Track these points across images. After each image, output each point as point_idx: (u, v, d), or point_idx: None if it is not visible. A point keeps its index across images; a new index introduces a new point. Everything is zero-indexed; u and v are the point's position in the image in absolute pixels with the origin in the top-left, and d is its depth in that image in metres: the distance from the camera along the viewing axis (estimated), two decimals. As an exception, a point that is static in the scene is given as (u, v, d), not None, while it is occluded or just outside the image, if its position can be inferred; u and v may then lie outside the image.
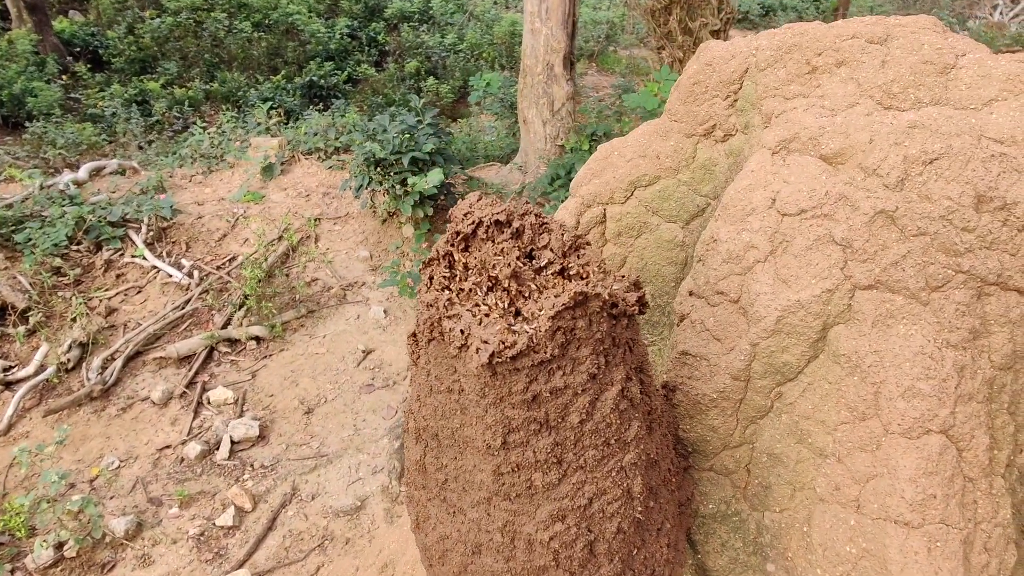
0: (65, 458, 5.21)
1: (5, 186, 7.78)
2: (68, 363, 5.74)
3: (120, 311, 6.27)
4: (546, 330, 0.89)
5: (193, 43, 12.41)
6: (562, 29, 7.12)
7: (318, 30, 12.99)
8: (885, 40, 1.51)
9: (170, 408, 5.62)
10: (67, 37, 12.22)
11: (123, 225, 6.84)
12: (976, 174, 1.19)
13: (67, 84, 11.42)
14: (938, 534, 1.13)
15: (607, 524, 1.07)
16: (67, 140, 9.82)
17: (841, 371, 1.22)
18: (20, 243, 6.37)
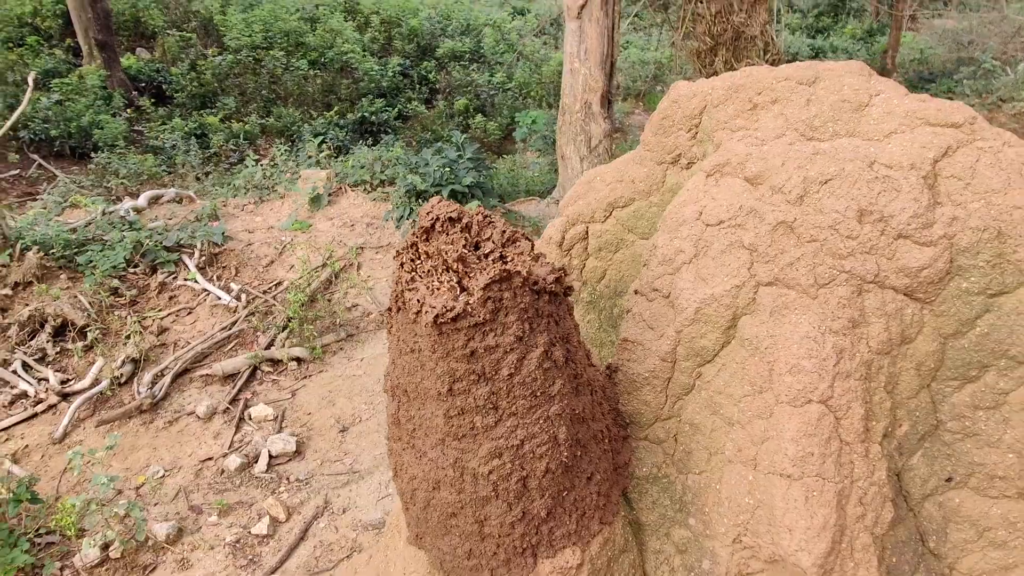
0: (114, 466, 5.61)
1: (71, 212, 8.41)
2: (121, 378, 6.17)
3: (171, 330, 6.73)
4: (478, 298, 1.18)
5: (252, 80, 13.08)
6: (600, 69, 7.49)
7: (371, 68, 13.56)
8: (814, 82, 1.79)
9: (213, 423, 6.00)
10: (134, 73, 13.00)
11: (177, 250, 7.35)
12: (860, 192, 1.45)
13: (131, 117, 12.14)
14: (815, 485, 1.37)
15: (537, 463, 1.34)
16: (129, 170, 10.46)
17: (745, 353, 1.48)
18: (82, 265, 6.90)
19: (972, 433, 1.48)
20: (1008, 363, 1.45)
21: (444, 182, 6.95)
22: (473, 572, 1.46)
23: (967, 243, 1.45)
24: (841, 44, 15.82)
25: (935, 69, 13.47)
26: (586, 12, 7.36)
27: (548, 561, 1.41)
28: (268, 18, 13.81)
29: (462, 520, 1.41)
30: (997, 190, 1.47)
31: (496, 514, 1.38)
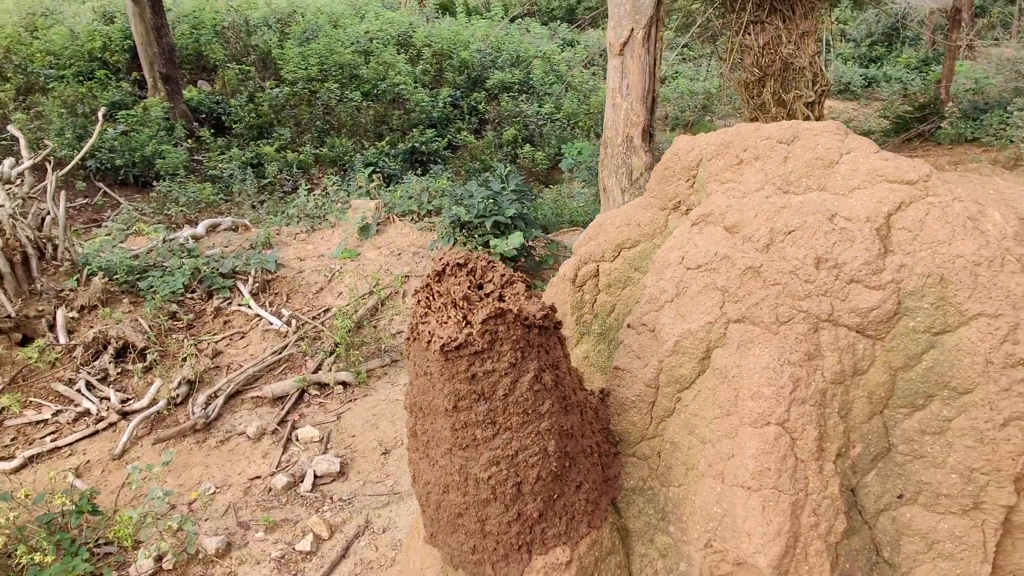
0: (169, 482, 5.98)
1: (134, 239, 8.94)
2: (177, 398, 6.57)
3: (225, 353, 7.14)
4: (477, 331, 1.45)
5: (307, 111, 13.63)
6: (641, 104, 7.76)
7: (422, 99, 14.01)
8: (792, 140, 2.02)
9: (262, 443, 6.35)
10: (195, 105, 13.67)
11: (233, 276, 7.78)
12: (819, 242, 1.68)
13: (192, 147, 12.76)
14: (771, 496, 1.59)
15: (530, 471, 1.59)
16: (189, 198, 11.01)
17: (716, 381, 1.71)
18: (143, 290, 7.37)
19: (920, 455, 1.69)
20: (950, 393, 1.66)
21: (488, 213, 7.26)
22: (477, 566, 1.72)
23: (913, 287, 1.67)
24: (895, 73, 15.85)
25: (990, 99, 13.44)
26: (628, 49, 7.65)
27: (541, 557, 1.66)
28: (324, 52, 14.40)
29: (467, 519, 1.66)
30: (942, 241, 1.69)
31: (495, 514, 1.63)
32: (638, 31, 7.60)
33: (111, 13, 14.99)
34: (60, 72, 13.13)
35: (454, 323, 1.47)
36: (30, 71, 12.96)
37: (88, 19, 14.72)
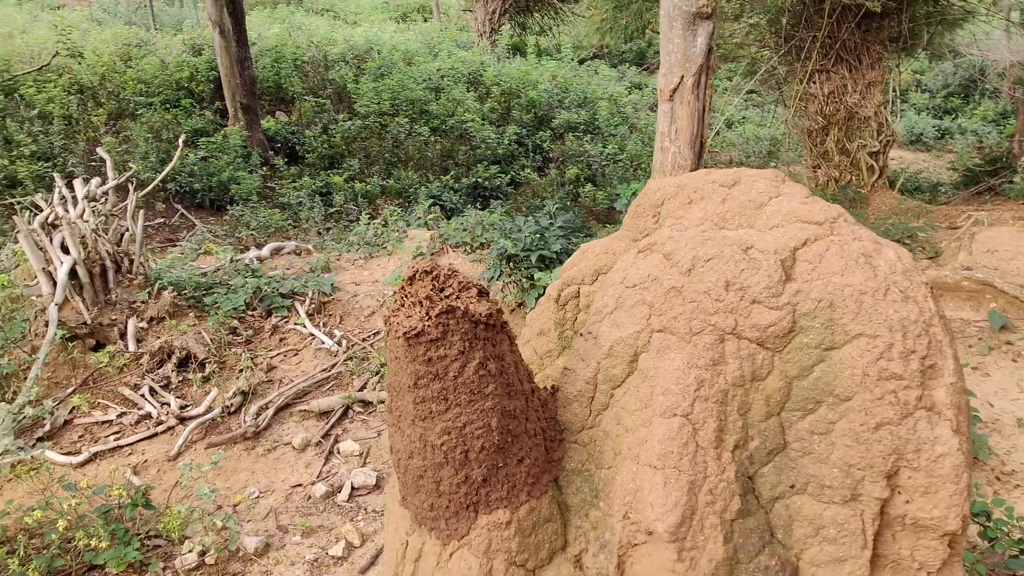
0: (217, 484, 6.50)
1: (204, 258, 9.67)
2: (231, 407, 7.13)
3: (278, 368, 7.71)
4: (432, 323, 1.86)
5: (377, 143, 14.36)
6: (689, 148, 8.13)
7: (489, 136, 14.60)
8: (733, 185, 2.40)
9: (306, 454, 6.84)
10: (271, 134, 14.55)
11: (291, 297, 8.39)
12: (730, 269, 2.04)
13: (266, 175, 13.58)
14: (672, 475, 1.94)
15: (475, 441, 1.99)
16: (259, 223, 11.75)
17: (640, 380, 2.08)
18: (208, 305, 8.02)
19: (809, 452, 2.03)
20: (835, 400, 2.00)
21: (534, 247, 7.71)
22: (434, 521, 2.13)
23: (807, 309, 2.03)
24: (969, 126, 15.85)
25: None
26: (678, 95, 8.05)
27: (485, 516, 2.06)
28: (396, 87, 15.18)
29: (426, 481, 2.07)
30: (836, 272, 2.04)
31: (447, 477, 2.03)
32: (688, 78, 8.00)
33: (200, 46, 16.11)
34: (149, 99, 14.18)
35: (417, 317, 1.89)
36: (122, 97, 14.04)
37: (178, 51, 15.86)
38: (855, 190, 12.65)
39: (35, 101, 13.14)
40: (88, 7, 24.37)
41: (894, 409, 1.97)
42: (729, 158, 15.72)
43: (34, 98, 13.15)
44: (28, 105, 13.13)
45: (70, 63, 14.38)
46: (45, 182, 11.42)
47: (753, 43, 13.77)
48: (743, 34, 13.93)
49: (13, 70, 13.74)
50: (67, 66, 14.28)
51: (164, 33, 18.87)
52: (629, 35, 13.37)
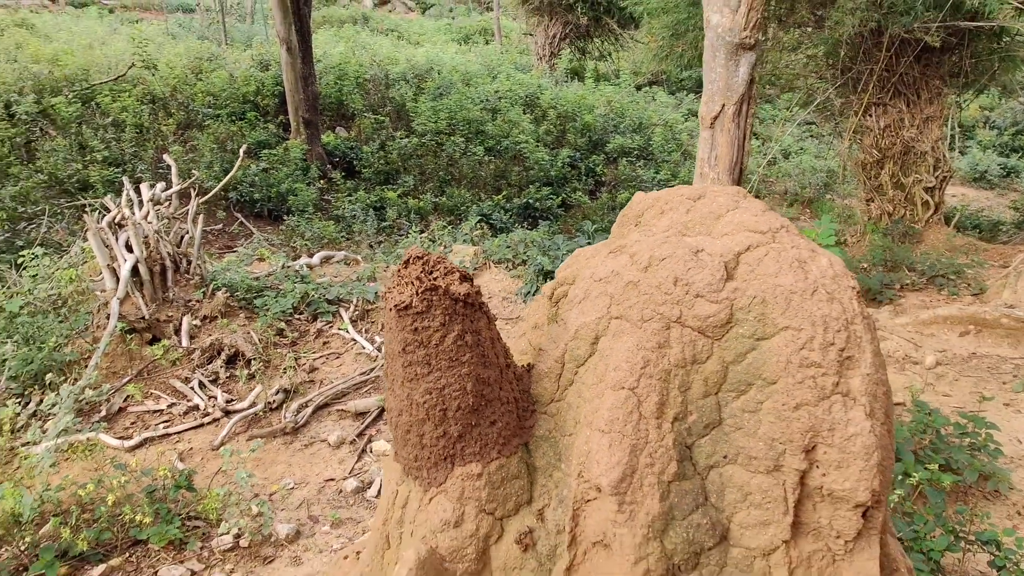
0: (255, 474, 7.03)
1: (258, 264, 10.30)
2: (273, 403, 7.66)
3: (320, 370, 8.24)
4: (418, 298, 2.29)
5: (432, 161, 14.94)
6: (727, 175, 8.48)
7: (542, 158, 15.06)
8: (698, 198, 2.78)
9: (341, 451, 7.32)
10: (331, 149, 15.25)
11: (336, 303, 8.95)
12: (680, 267, 2.42)
13: (323, 187, 14.24)
14: (616, 438, 2.32)
15: (452, 402, 2.40)
16: (313, 234, 12.37)
17: (598, 359, 2.47)
18: (258, 307, 8.61)
19: (740, 427, 2.39)
20: (763, 383, 2.37)
21: (570, 265, 8.13)
22: (418, 471, 2.55)
23: (743, 304, 2.40)
24: (1041, 165, 15.81)
25: None
26: (718, 123, 8.43)
27: (460, 468, 2.47)
28: (454, 107, 15.80)
29: (412, 435, 2.49)
30: (771, 274, 2.41)
31: (429, 431, 2.45)
32: (729, 107, 8.37)
33: (267, 61, 17.00)
34: (216, 111, 15.03)
35: (407, 293, 2.32)
36: (191, 109, 14.92)
37: (246, 65, 16.77)
38: (908, 225, 12.76)
39: (110, 109, 14.06)
40: (164, 21, 25.74)
41: (812, 392, 2.33)
42: (784, 188, 15.90)
43: (109, 106, 14.08)
44: (103, 113, 14.06)
45: (145, 74, 15.35)
46: (115, 186, 12.24)
47: (810, 74, 14.01)
48: (801, 65, 14.18)
49: (91, 79, 14.73)
50: (142, 77, 15.24)
51: (234, 48, 19.89)
52: (685, 63, 13.75)
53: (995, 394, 7.72)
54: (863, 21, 11.99)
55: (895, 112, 13.15)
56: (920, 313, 8.91)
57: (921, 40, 12.14)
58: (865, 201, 13.41)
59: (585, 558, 2.46)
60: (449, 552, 2.54)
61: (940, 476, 5.79)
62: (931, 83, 13.20)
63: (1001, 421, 7.35)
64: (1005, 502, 6.43)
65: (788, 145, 17.01)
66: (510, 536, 2.56)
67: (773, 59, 13.97)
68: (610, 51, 22.52)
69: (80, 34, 18.11)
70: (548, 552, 2.54)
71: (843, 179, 14.65)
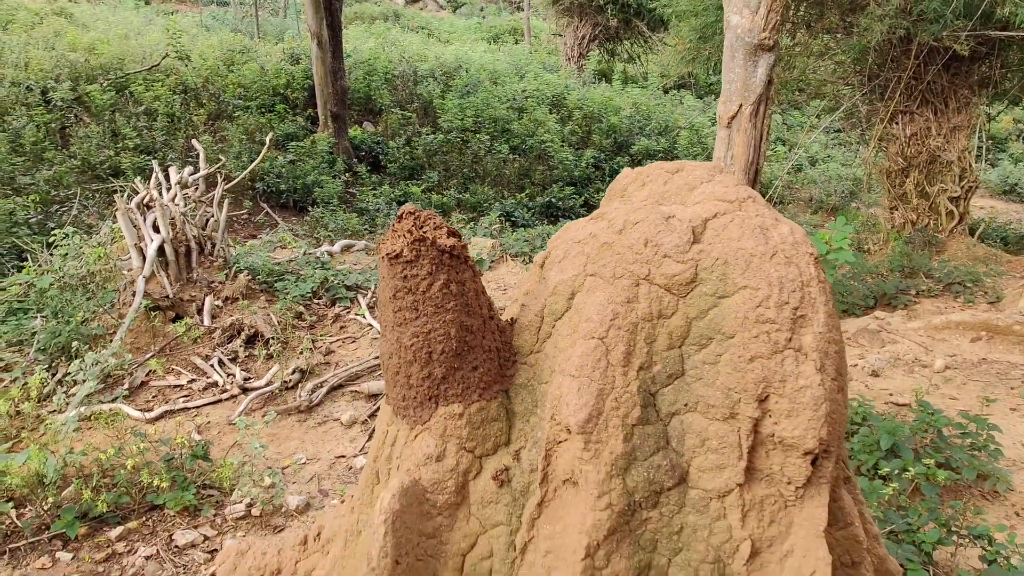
0: (269, 449, 7.35)
1: (281, 250, 10.66)
2: (289, 383, 7.98)
3: (336, 353, 8.56)
4: (407, 248, 2.57)
5: (457, 158, 15.26)
6: (743, 175, 8.69)
7: (567, 158, 15.32)
8: (676, 172, 3.03)
9: (352, 430, 7.63)
10: (357, 143, 15.63)
11: (355, 290, 9.27)
12: (651, 231, 2.67)
13: (348, 181, 14.60)
14: (585, 383, 2.57)
15: (437, 345, 2.66)
16: (337, 225, 12.72)
17: (575, 313, 2.72)
18: (278, 290, 8.96)
19: (700, 378, 2.64)
20: (722, 337, 2.62)
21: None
22: (405, 411, 2.82)
23: (707, 265, 2.65)
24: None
25: None
26: (736, 123, 8.65)
27: (443, 407, 2.74)
28: (480, 105, 16.13)
29: (400, 376, 2.76)
30: (734, 239, 2.66)
31: (415, 373, 2.72)
32: (746, 107, 8.60)
33: (298, 55, 17.44)
34: (246, 103, 15.47)
35: (399, 244, 2.60)
36: (222, 100, 15.37)
37: (277, 59, 17.21)
38: (931, 234, 12.85)
39: (143, 98, 14.54)
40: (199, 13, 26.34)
41: (766, 346, 2.57)
42: (809, 195, 16.02)
43: (142, 95, 14.55)
44: (136, 102, 14.54)
45: (178, 65, 15.83)
46: (145, 174, 12.68)
47: (838, 80, 14.15)
48: (829, 72, 14.32)
49: (126, 68, 15.22)
50: (175, 68, 15.72)
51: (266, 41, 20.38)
52: (712, 66, 13.96)
53: (1002, 399, 7.86)
54: (892, 28, 12.13)
55: (922, 120, 13.25)
56: (933, 318, 9.06)
57: (950, 48, 12.24)
58: (889, 209, 13.51)
59: (555, 494, 2.73)
60: (431, 484, 2.81)
61: (936, 472, 5.95)
62: (959, 92, 13.28)
63: (1007, 425, 7.49)
64: (1004, 503, 6.57)
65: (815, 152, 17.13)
66: (488, 473, 2.83)
67: (801, 64, 14.12)
68: (639, 54, 22.76)
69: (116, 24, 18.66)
70: (522, 488, 2.81)
71: (868, 187, 14.76)
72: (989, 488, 6.53)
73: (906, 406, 7.64)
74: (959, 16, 11.74)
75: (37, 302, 8.59)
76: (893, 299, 10.03)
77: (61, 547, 5.61)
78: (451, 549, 2.87)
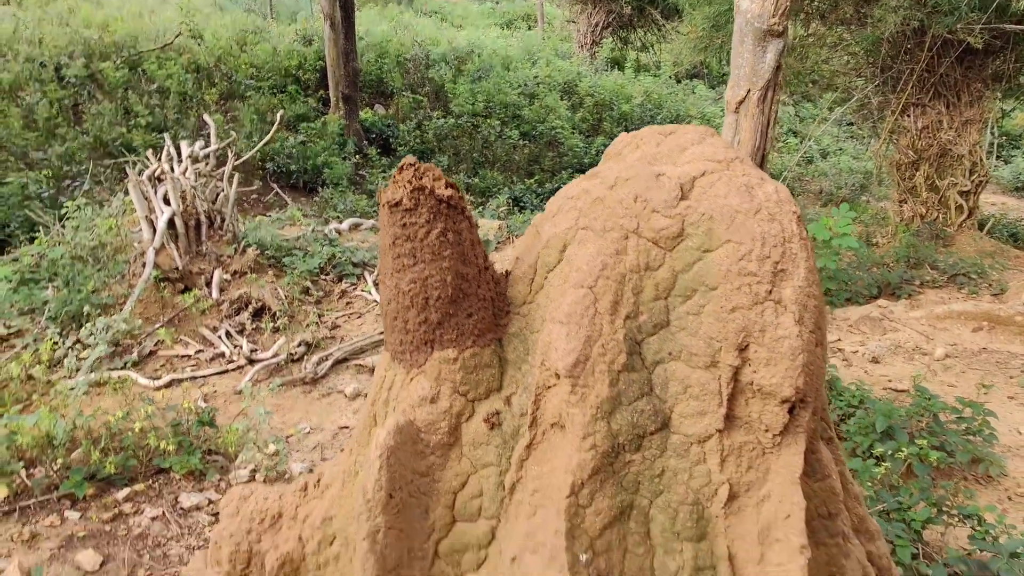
0: (274, 417, 7.53)
1: (289, 227, 10.83)
2: (295, 355, 8.16)
3: (341, 327, 8.73)
4: (406, 196, 2.71)
5: (467, 143, 15.40)
6: (750, 160, 8.80)
7: (577, 145, 15.44)
8: (669, 134, 3.18)
9: (356, 402, 7.80)
10: (368, 125, 15.78)
11: (361, 266, 9.44)
12: (641, 187, 2.82)
13: (358, 163, 14.77)
14: (573, 329, 2.72)
15: (433, 291, 2.82)
16: (346, 207, 12.89)
17: (566, 264, 2.87)
18: (286, 265, 9.14)
19: (684, 328, 2.79)
20: (706, 288, 2.76)
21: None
22: (402, 355, 2.98)
23: (693, 220, 2.79)
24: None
25: None
26: (743, 108, 8.76)
27: (438, 352, 2.89)
28: (492, 90, 16.26)
29: (398, 322, 2.92)
30: (720, 195, 2.80)
31: (412, 318, 2.88)
32: (754, 92, 8.70)
33: (310, 36, 17.60)
34: (258, 83, 15.65)
35: (400, 192, 2.75)
36: (234, 80, 15.55)
37: (290, 40, 17.38)
38: (940, 228, 12.92)
39: (156, 76, 14.73)
40: (213, -6, 26.49)
41: (747, 297, 2.71)
42: (819, 188, 16.09)
43: (155, 73, 14.74)
44: (149, 79, 14.74)
45: (191, 44, 16.01)
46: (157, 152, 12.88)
47: (850, 71, 14.21)
48: (842, 63, 14.37)
49: (139, 46, 15.42)
50: (187, 46, 15.90)
51: (279, 22, 20.54)
52: (725, 55, 14.04)
53: (1001, 387, 7.98)
54: (906, 20, 12.19)
55: (934, 113, 13.31)
56: (935, 307, 9.17)
57: (964, 41, 12.28)
58: (898, 202, 13.59)
59: (543, 437, 2.88)
60: (425, 424, 2.97)
61: (928, 452, 6.07)
62: (972, 86, 13.32)
63: (1004, 413, 7.61)
64: (997, 487, 6.70)
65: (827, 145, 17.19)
66: (479, 416, 2.98)
67: (814, 55, 14.18)
68: (652, 42, 22.85)
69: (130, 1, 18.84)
70: (512, 431, 2.96)
71: (879, 180, 14.82)
72: (982, 472, 6.65)
73: (904, 392, 7.76)
74: (974, 8, 11.79)
75: (49, 271, 8.79)
76: (897, 289, 10.14)
77: (69, 506, 5.79)
78: (443, 487, 3.03)
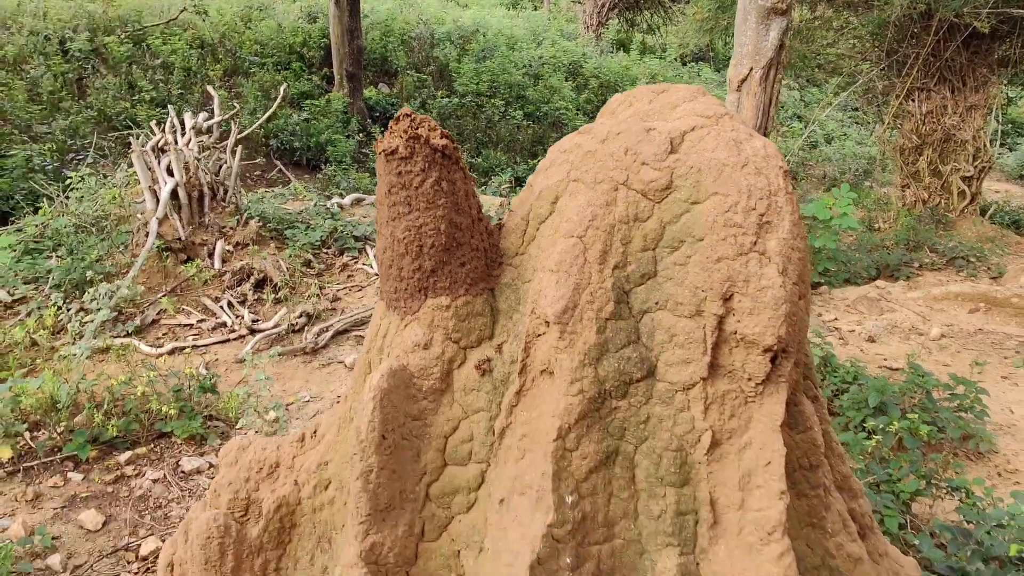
0: (274, 387, 7.64)
1: (293, 201, 10.93)
2: (296, 326, 8.26)
3: (342, 300, 8.84)
4: (402, 144, 2.81)
5: (471, 123, 15.45)
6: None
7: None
8: (661, 92, 3.26)
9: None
10: (372, 103, 15.85)
11: (363, 240, 9.53)
12: (631, 140, 2.91)
13: (361, 141, 14.84)
14: (563, 277, 2.81)
15: (428, 239, 2.91)
16: (349, 184, 12.98)
17: (558, 215, 2.97)
18: (288, 237, 9.24)
19: (671, 278, 2.88)
20: (692, 240, 2.86)
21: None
22: (396, 303, 3.08)
23: (682, 173, 2.88)
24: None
25: None
26: (745, 86, 8.84)
27: (431, 299, 3.00)
28: (496, 70, 16.31)
29: (393, 270, 3.02)
30: (709, 149, 2.89)
31: (407, 265, 2.98)
32: (756, 71, 8.78)
33: (315, 14, 17.65)
34: (262, 60, 15.71)
35: (396, 142, 2.85)
36: (238, 56, 15.62)
37: (295, 16, 17.44)
38: (942, 213, 12.97)
39: (160, 52, 14.80)
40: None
41: (732, 248, 2.80)
42: (823, 172, 16.13)
43: (159, 49, 14.81)
44: (153, 54, 14.81)
45: (195, 19, 16.08)
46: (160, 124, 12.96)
47: (855, 55, 14.24)
48: (847, 46, 14.39)
49: (144, 21, 15.48)
50: (192, 22, 15.97)
51: None
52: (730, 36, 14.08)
53: (995, 367, 8.07)
54: (912, 3, 12.20)
55: (938, 98, 13.34)
56: (932, 289, 9.25)
57: (970, 25, 12.29)
58: (901, 187, 13.64)
59: (533, 384, 2.98)
60: (418, 370, 3.07)
61: (919, 426, 6.16)
62: (978, 71, 13.34)
63: (997, 392, 7.70)
64: (987, 463, 6.79)
65: (831, 130, 17.23)
66: (471, 363, 3.09)
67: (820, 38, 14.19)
68: (658, 24, 22.84)
69: (136, -23, 18.89)
70: (502, 378, 3.06)
71: (882, 165, 14.87)
72: (973, 448, 6.74)
73: (899, 370, 7.86)
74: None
75: (52, 241, 8.90)
76: (896, 270, 10.22)
77: (72, 468, 5.92)
78: (434, 431, 3.13)
